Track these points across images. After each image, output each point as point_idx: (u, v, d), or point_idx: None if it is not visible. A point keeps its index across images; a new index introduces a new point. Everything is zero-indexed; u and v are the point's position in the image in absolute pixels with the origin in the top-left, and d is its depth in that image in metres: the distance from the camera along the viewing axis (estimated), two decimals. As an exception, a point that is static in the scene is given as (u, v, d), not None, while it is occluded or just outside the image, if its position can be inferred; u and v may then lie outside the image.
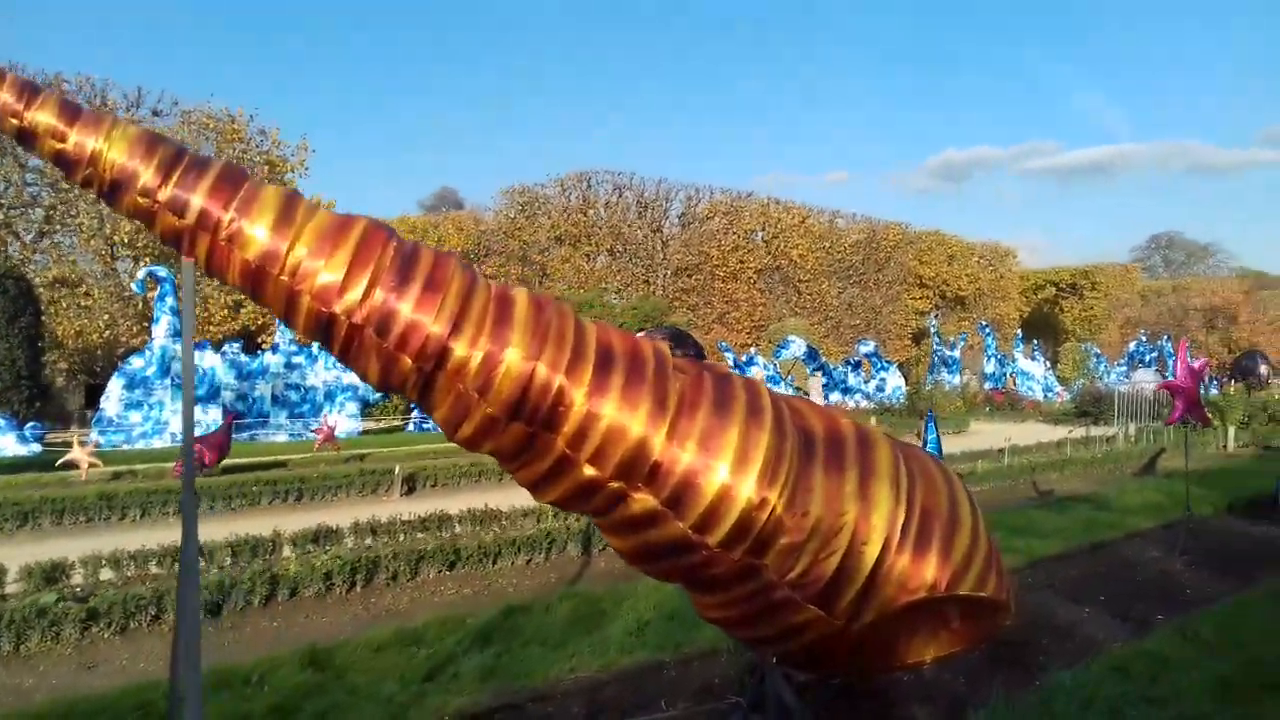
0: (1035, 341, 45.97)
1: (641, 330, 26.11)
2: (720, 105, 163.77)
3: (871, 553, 4.02)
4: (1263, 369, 38.22)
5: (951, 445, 20.13)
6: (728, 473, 3.78)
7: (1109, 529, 10.25)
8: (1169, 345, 45.95)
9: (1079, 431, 19.74)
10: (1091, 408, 25.13)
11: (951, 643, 4.70)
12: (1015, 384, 41.06)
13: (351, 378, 26.14)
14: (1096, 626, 6.46)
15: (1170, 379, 9.23)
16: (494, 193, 46.57)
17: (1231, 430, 19.79)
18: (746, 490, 3.81)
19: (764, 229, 47.41)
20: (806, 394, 34.67)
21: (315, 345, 26.91)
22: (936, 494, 4.29)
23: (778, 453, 3.90)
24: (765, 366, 35.26)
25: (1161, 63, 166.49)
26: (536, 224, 44.03)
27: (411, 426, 28.55)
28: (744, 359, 35.48)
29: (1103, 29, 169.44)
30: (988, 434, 23.81)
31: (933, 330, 42.49)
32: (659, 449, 3.77)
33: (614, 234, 43.93)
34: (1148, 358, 45.03)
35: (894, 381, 38.26)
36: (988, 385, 41.25)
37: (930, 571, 4.10)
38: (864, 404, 35.08)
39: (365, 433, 27.07)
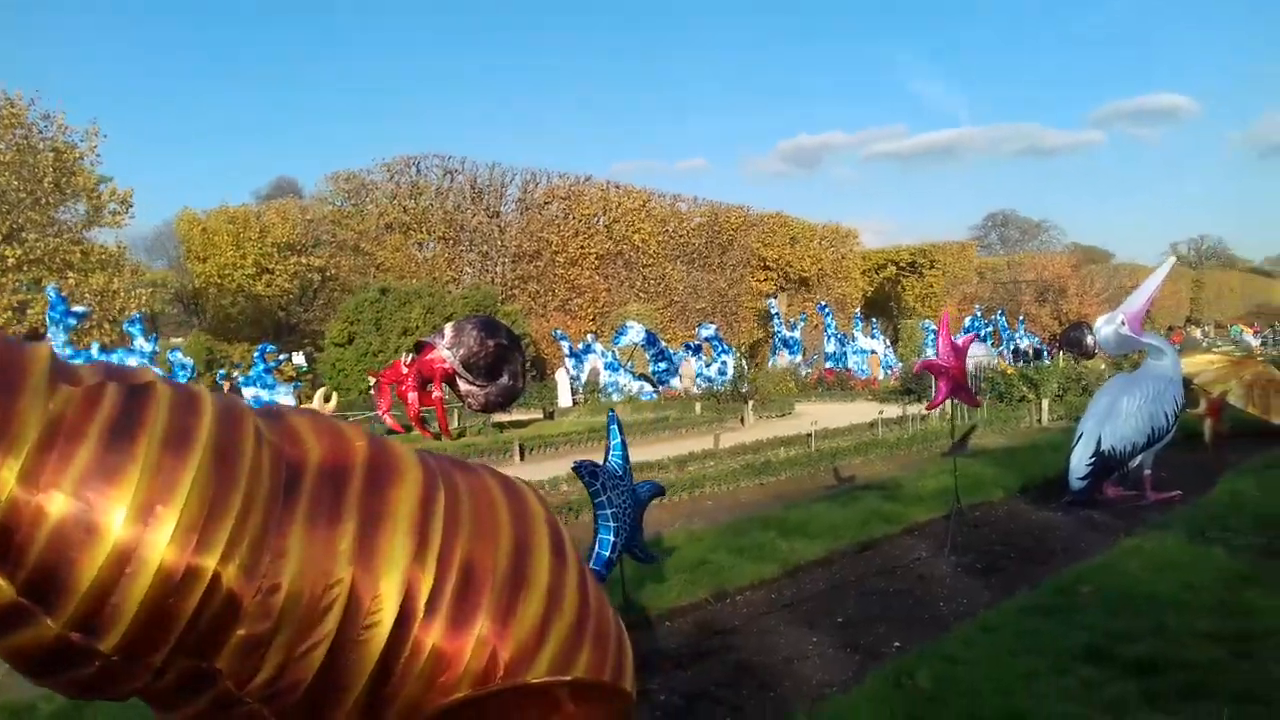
0: (874, 320, 46.19)
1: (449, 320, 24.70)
2: (571, 94, 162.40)
3: (377, 638, 2.76)
4: (1089, 340, 39.03)
5: (769, 430, 19.38)
6: (123, 530, 2.44)
7: (886, 523, 9.40)
8: (1004, 319, 46.87)
9: (890, 410, 19.18)
10: (914, 384, 24.80)
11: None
12: (850, 364, 41.02)
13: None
14: (816, 665, 5.47)
15: (931, 357, 8.33)
16: (318, 179, 43.82)
17: (1046, 403, 19.61)
18: (157, 556, 2.48)
19: (605, 213, 46.29)
20: (652, 379, 33.77)
21: (94, 346, 24.52)
22: (491, 542, 3.07)
23: (218, 498, 2.59)
24: (603, 354, 34.13)
25: (999, 47, 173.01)
26: (365, 212, 41.85)
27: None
28: (580, 346, 34.26)
29: (946, 16, 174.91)
30: (813, 416, 23.21)
31: (773, 311, 42.16)
32: (6, 500, 2.39)
33: (447, 221, 42.09)
34: (983, 333, 45.75)
35: (736, 365, 37.66)
36: (827, 364, 41.12)
37: (474, 657, 2.87)
38: (694, 390, 34.31)
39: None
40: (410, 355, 22.70)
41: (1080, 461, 10.08)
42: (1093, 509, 9.97)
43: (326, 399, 21.15)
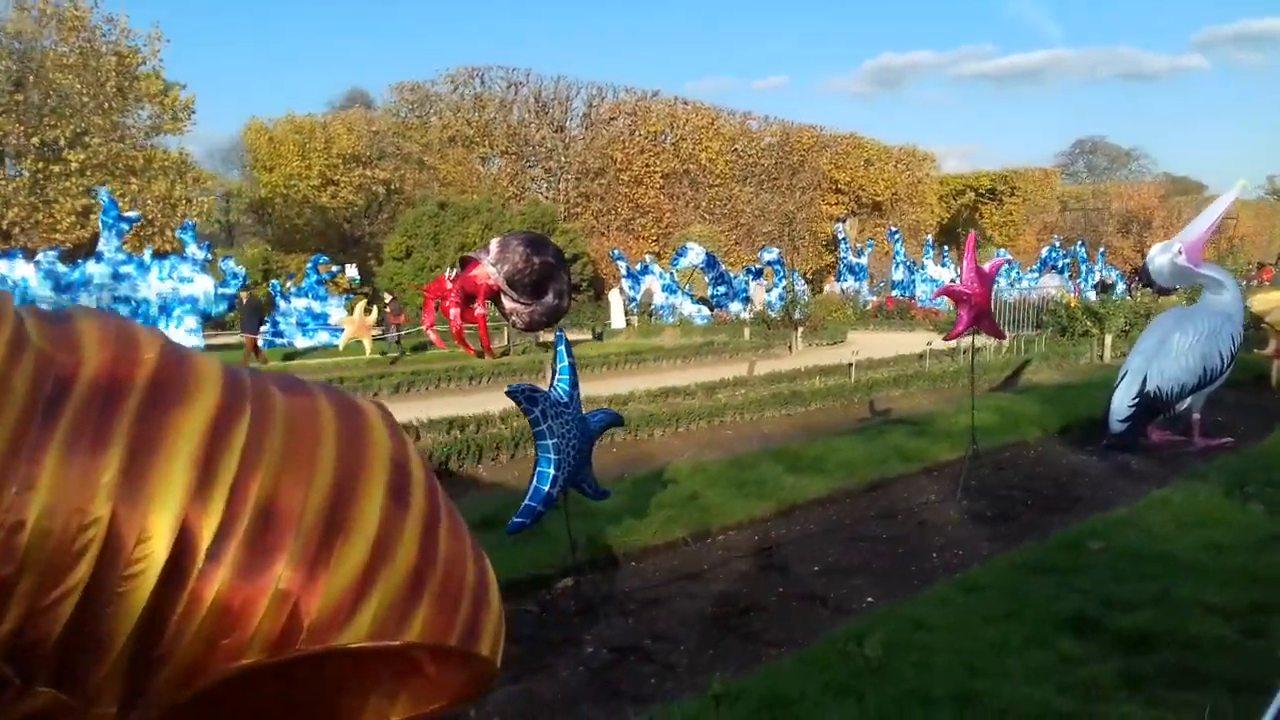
0: (945, 247, 44.69)
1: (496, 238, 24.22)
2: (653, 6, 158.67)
3: (142, 589, 2.36)
4: (1169, 274, 37.27)
5: (817, 358, 18.74)
6: None
7: (905, 461, 8.82)
8: (1083, 251, 44.97)
9: (942, 343, 18.33)
10: (976, 317, 23.80)
11: (427, 697, 3.10)
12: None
13: (190, 289, 24.03)
14: (771, 620, 5.00)
15: (955, 283, 7.62)
16: (384, 89, 43.39)
17: (1109, 339, 18.59)
18: None
19: (672, 130, 45.25)
20: (710, 303, 33.12)
21: (147, 252, 24.66)
22: (304, 477, 2.63)
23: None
24: (661, 275, 33.49)
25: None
26: (429, 124, 41.46)
27: (263, 342, 26.49)
28: (638, 267, 33.64)
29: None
30: (864, 345, 22.44)
31: (840, 236, 40.97)
32: None
33: (510, 135, 41.51)
34: (1060, 263, 44.01)
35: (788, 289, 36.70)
36: (894, 292, 39.95)
37: (269, 614, 2.45)
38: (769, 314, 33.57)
39: (210, 348, 25.03)
40: (455, 270, 22.33)
41: (1122, 402, 9.32)
42: (1133, 454, 9.24)
43: (367, 311, 20.93)
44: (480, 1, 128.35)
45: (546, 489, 4.75)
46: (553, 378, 5.06)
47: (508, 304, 22.50)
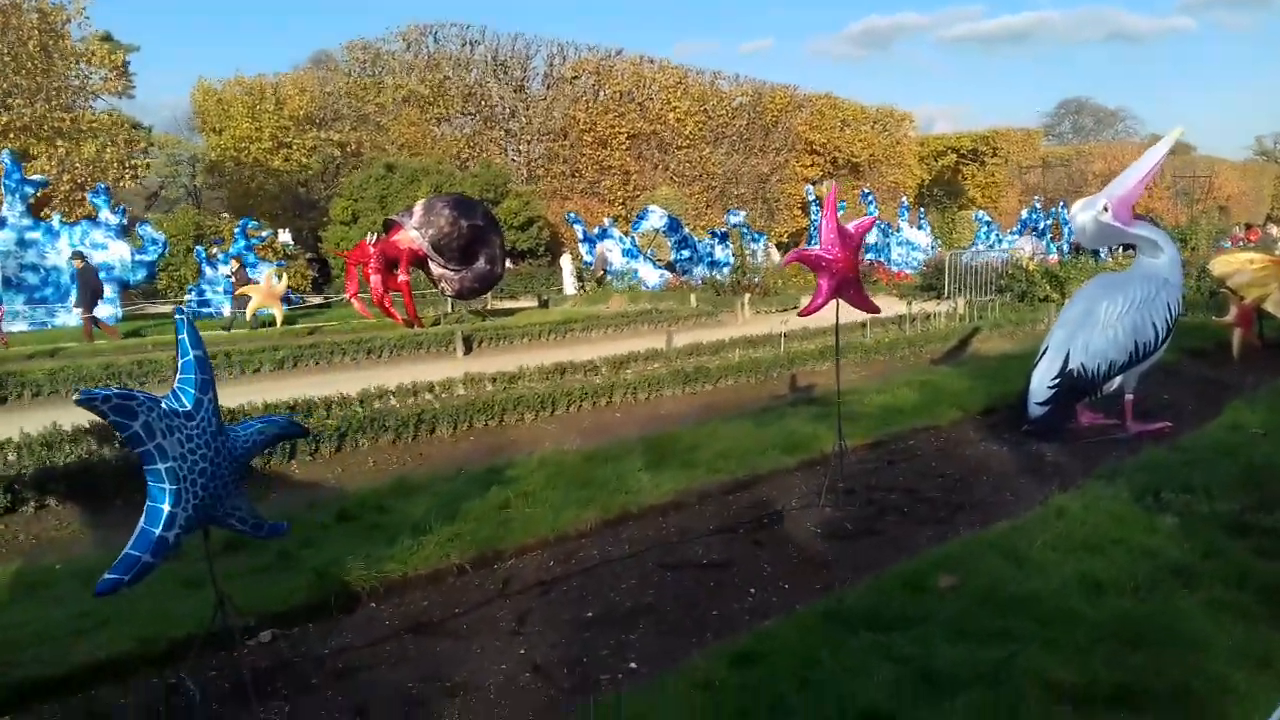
0: (921, 210, 43.21)
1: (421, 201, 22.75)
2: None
3: None
4: (1149, 236, 35.89)
5: (763, 326, 17.36)
6: None
7: (788, 453, 7.52)
8: (1065, 212, 43.55)
9: (907, 308, 17.04)
10: (936, 280, 22.42)
11: None
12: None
13: (105, 255, 22.58)
14: (464, 711, 3.71)
15: (811, 248, 6.21)
16: (338, 48, 41.59)
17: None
18: None
19: (639, 90, 43.54)
20: (675, 267, 31.74)
21: (56, 218, 23.16)
22: None
23: None
24: (621, 239, 32.06)
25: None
26: (383, 85, 39.75)
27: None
28: (595, 231, 32.15)
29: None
30: (819, 312, 21.12)
31: (810, 198, 39.50)
32: None
33: (466, 95, 39.82)
34: (1041, 225, 42.65)
35: (772, 253, 35.28)
36: (868, 256, 38.55)
37: None
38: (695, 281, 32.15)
39: (130, 318, 23.59)
40: (375, 236, 20.87)
41: (1042, 382, 8.03)
42: (1053, 441, 7.96)
43: (278, 278, 19.50)
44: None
45: (158, 532, 3.45)
46: (179, 365, 3.71)
47: (435, 270, 21.11)
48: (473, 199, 23.60)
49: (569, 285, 29.53)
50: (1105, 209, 7.77)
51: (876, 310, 6.86)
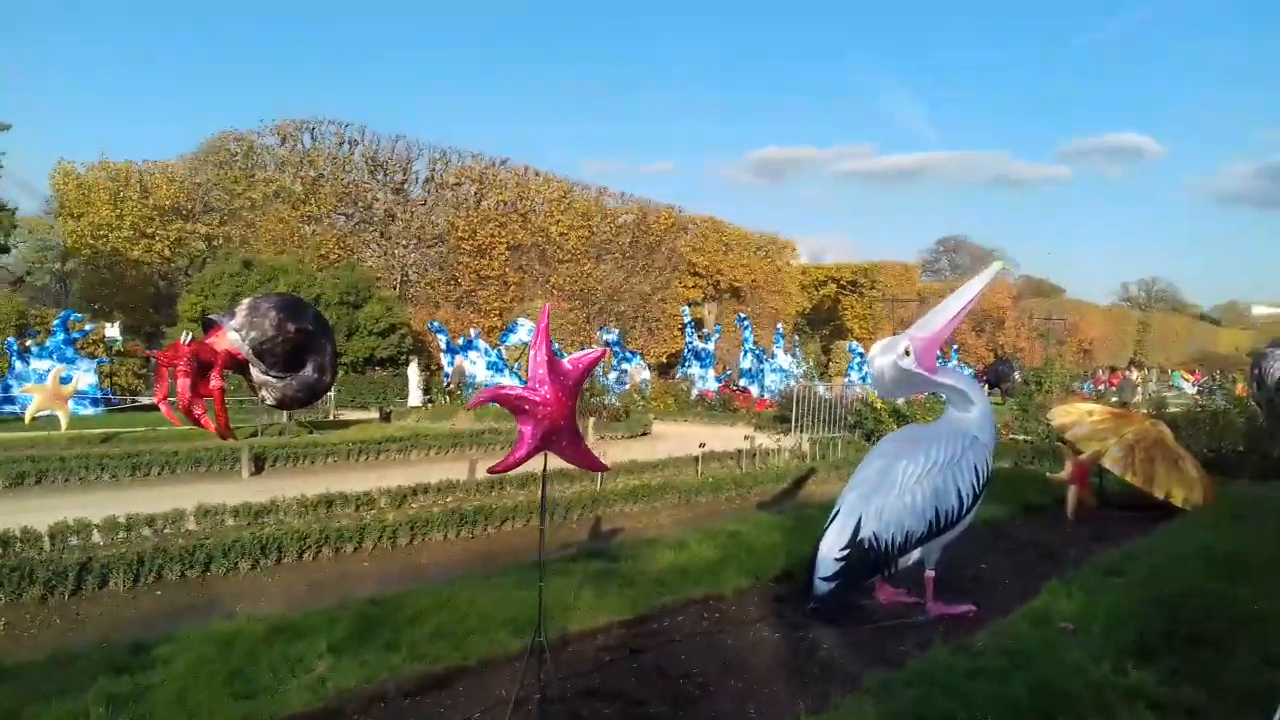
0: (797, 337, 43.19)
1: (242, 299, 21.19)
2: (548, 87, 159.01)
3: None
4: (1015, 375, 36.33)
5: (614, 453, 16.15)
6: None
7: (520, 634, 6.21)
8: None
9: (748, 443, 16.03)
10: (789, 412, 21.63)
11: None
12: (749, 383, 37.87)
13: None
14: None
15: (513, 385, 4.96)
16: (206, 138, 40.03)
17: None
18: None
19: (522, 201, 42.98)
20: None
21: None
22: None
23: None
24: (487, 351, 30.84)
25: (976, 73, 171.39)
26: (254, 178, 38.30)
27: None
28: (460, 341, 30.87)
29: (925, 40, 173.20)
30: (670, 438, 20.16)
31: (686, 320, 39.04)
32: None
33: (341, 194, 38.59)
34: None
35: (639, 374, 34.39)
36: (741, 381, 38.06)
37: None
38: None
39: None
40: (189, 336, 19.05)
41: (829, 553, 6.94)
42: (840, 625, 6.84)
43: (64, 381, 17.61)
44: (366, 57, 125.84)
45: None
46: None
47: (256, 376, 19.44)
48: (303, 301, 22.06)
49: (415, 396, 28.06)
50: (907, 351, 6.86)
51: (600, 468, 5.70)
